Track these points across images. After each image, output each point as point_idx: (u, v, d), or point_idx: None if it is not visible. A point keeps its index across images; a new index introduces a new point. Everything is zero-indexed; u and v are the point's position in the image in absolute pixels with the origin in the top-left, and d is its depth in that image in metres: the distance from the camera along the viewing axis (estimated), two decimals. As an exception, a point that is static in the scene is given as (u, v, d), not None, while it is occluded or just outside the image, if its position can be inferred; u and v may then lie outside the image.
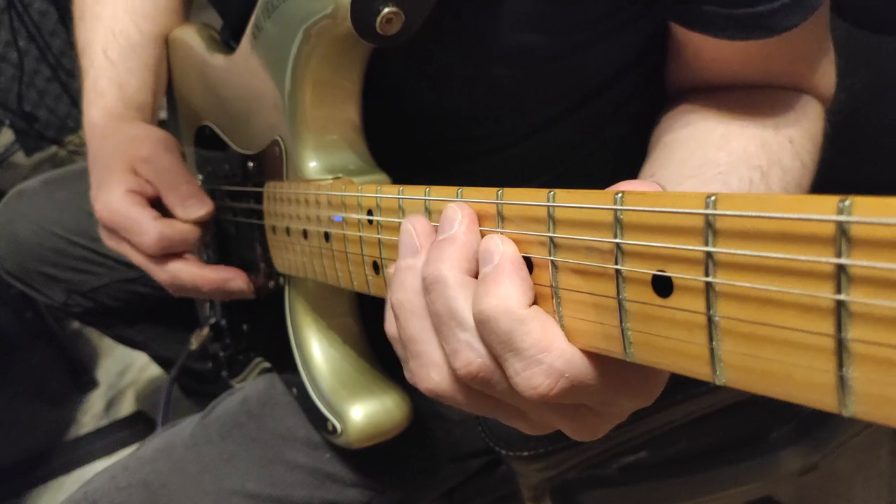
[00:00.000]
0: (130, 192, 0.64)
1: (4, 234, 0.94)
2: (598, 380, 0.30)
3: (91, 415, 1.54)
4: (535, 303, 0.31)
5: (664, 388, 0.35)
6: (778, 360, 0.21)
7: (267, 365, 0.73)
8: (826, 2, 0.51)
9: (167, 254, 0.64)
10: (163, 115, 0.81)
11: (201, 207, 0.64)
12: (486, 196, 0.33)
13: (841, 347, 0.19)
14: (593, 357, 0.30)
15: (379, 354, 0.60)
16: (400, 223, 0.38)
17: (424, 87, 0.55)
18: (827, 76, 0.56)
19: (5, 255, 0.95)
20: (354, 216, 0.44)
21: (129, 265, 0.67)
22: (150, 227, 0.62)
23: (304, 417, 0.61)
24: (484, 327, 0.31)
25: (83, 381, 1.58)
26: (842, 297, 0.19)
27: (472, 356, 0.32)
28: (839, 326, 0.19)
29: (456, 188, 0.35)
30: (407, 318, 0.35)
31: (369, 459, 0.62)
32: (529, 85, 0.54)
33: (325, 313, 0.60)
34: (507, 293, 0.30)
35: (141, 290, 0.97)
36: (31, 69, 2.03)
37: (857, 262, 0.18)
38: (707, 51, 0.53)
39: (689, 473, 0.79)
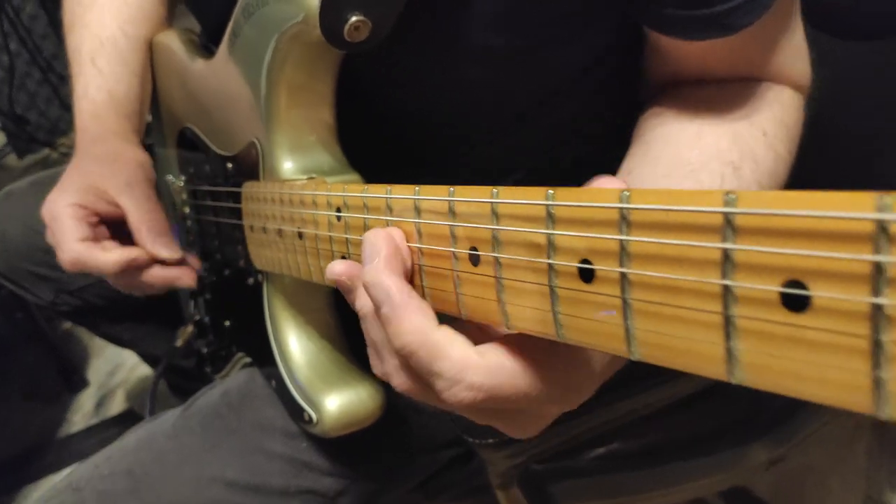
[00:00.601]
0: (77, 206, 0.68)
1: (-7, 235, 0.96)
2: (515, 386, 0.33)
3: (82, 414, 1.56)
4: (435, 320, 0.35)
5: (616, 379, 0.38)
6: (680, 337, 0.23)
7: (248, 360, 0.75)
8: None
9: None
10: (148, 117, 0.83)
11: (168, 250, 0.70)
12: (438, 193, 0.36)
13: (728, 324, 0.22)
14: (507, 367, 0.33)
15: (354, 347, 0.62)
16: (364, 219, 0.41)
17: (394, 90, 0.57)
18: (800, 65, 0.57)
19: (-6, 255, 0.97)
20: (324, 213, 0.46)
21: None
22: (70, 247, 0.67)
23: (282, 409, 0.64)
24: (407, 360, 0.35)
25: (74, 380, 1.60)
26: (727, 281, 0.21)
27: (402, 380, 0.37)
28: (726, 306, 0.22)
29: (414, 186, 0.38)
30: (368, 327, 0.39)
31: (345, 449, 0.65)
32: (498, 84, 0.56)
33: (301, 308, 0.62)
34: (414, 327, 0.34)
35: (127, 289, 0.99)
36: (22, 72, 2.05)
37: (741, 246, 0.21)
38: (676, 49, 0.55)
39: (659, 464, 0.81)
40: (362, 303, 0.38)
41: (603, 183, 0.34)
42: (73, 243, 0.66)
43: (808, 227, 0.19)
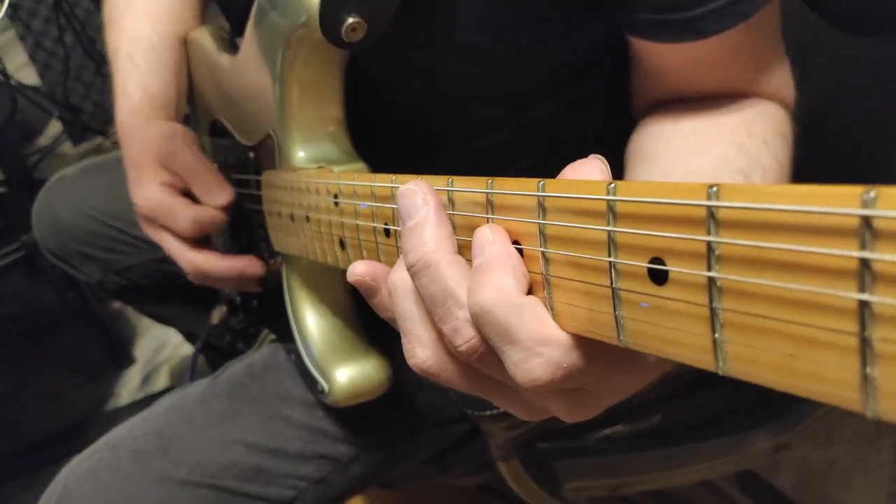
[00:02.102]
0: (164, 185, 0.72)
1: (46, 216, 1.04)
2: (594, 364, 0.30)
3: (128, 389, 1.64)
4: (530, 292, 0.32)
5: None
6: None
7: (273, 336, 0.80)
8: (771, 11, 0.54)
9: (198, 241, 0.72)
10: (186, 109, 0.89)
11: (224, 194, 0.71)
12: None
13: (614, 296, 0.26)
14: (588, 342, 0.30)
15: (366, 324, 0.67)
16: (355, 205, 0.45)
17: (393, 85, 0.62)
18: (784, 82, 0.58)
19: (47, 235, 1.04)
20: (325, 199, 0.51)
21: (158, 246, 0.75)
22: (184, 213, 0.70)
23: (300, 380, 0.69)
24: (480, 319, 0.31)
25: (121, 357, 1.69)
26: (611, 258, 0.25)
27: (471, 335, 0.32)
28: (612, 281, 0.26)
29: (390, 175, 0.42)
30: (399, 296, 0.36)
31: (358, 419, 0.70)
32: (489, 80, 0.60)
33: (316, 287, 0.67)
34: (501, 284, 0.31)
35: (169, 269, 1.05)
36: (77, 64, 2.15)
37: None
38: (659, 58, 0.57)
39: (661, 447, 0.84)
40: (422, 251, 0.34)
41: (585, 172, 0.32)
42: (184, 209, 0.70)
43: (668, 212, 0.23)
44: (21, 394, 1.67)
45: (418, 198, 0.35)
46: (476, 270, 0.32)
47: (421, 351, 0.36)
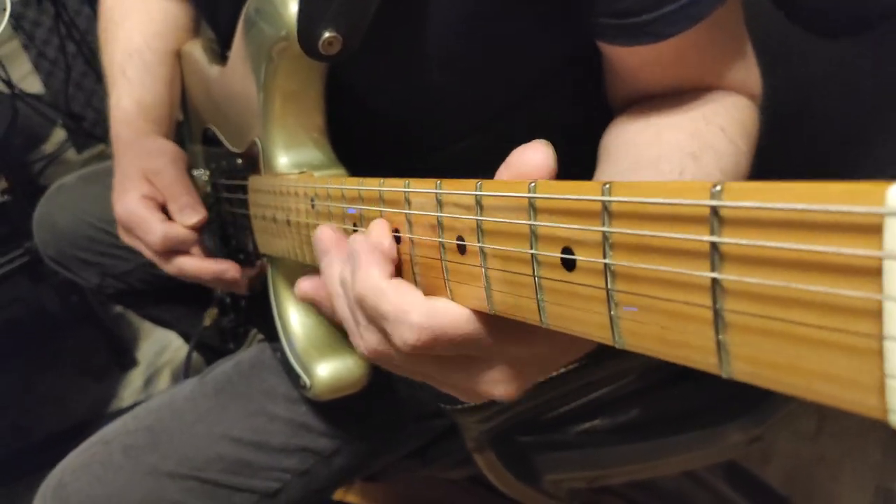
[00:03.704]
0: (144, 198, 0.76)
1: (46, 223, 1.07)
2: (459, 328, 0.35)
3: (131, 390, 1.68)
4: (396, 276, 0.38)
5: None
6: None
7: (261, 336, 0.84)
8: (732, 7, 0.56)
9: (172, 250, 0.75)
10: (179, 116, 0.92)
11: (194, 215, 0.75)
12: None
13: (537, 286, 0.29)
14: (452, 311, 0.35)
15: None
16: (332, 207, 0.49)
17: (373, 93, 0.65)
18: (750, 75, 0.60)
19: (47, 242, 1.08)
20: (303, 203, 0.54)
21: None
22: (156, 229, 0.74)
23: (285, 377, 0.72)
24: (360, 306, 0.39)
25: (124, 359, 1.72)
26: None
27: (369, 336, 0.40)
28: (533, 271, 0.29)
29: (362, 178, 0.45)
30: (337, 307, 0.44)
31: (340, 414, 0.73)
32: (466, 86, 0.62)
33: (300, 287, 0.70)
34: (366, 274, 0.38)
35: (164, 273, 1.09)
36: (79, 72, 2.19)
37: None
38: (623, 60, 0.59)
39: (641, 440, 0.86)
40: (331, 283, 0.44)
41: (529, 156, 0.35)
42: (157, 225, 0.74)
43: (575, 207, 0.26)
44: (26, 396, 1.70)
45: (321, 245, 0.45)
46: (352, 275, 0.39)
47: (360, 344, 0.42)
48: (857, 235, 0.17)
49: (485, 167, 0.70)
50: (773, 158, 0.61)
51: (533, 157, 0.34)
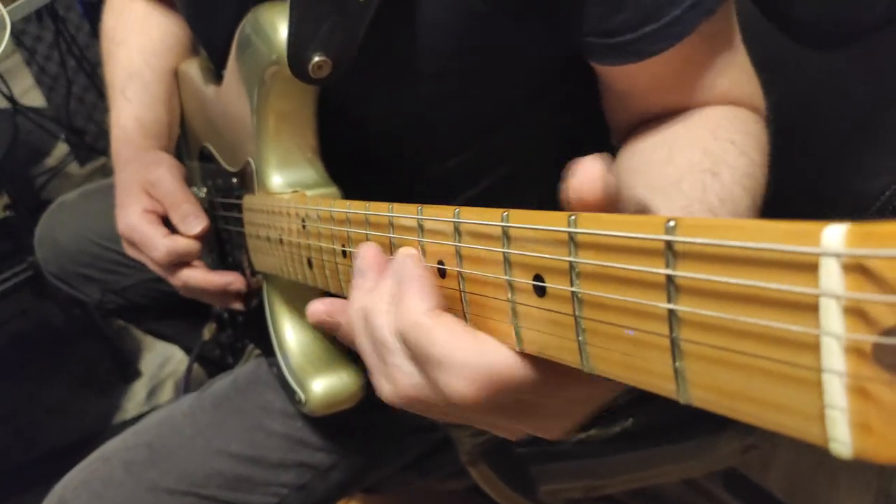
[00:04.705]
0: (146, 212, 0.77)
1: (47, 240, 1.09)
2: (522, 373, 0.31)
3: (135, 402, 1.69)
4: (445, 309, 0.33)
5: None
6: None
7: (258, 351, 0.84)
8: (723, 21, 0.56)
9: (177, 263, 0.76)
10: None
11: (198, 224, 0.76)
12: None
13: (513, 311, 0.29)
14: (516, 354, 0.31)
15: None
16: (321, 228, 0.50)
17: (365, 112, 0.65)
18: (750, 88, 0.60)
19: (49, 259, 1.09)
20: (295, 223, 0.55)
21: None
22: (160, 244, 0.75)
23: (282, 392, 0.73)
24: (404, 343, 0.33)
25: (128, 372, 1.73)
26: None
27: (405, 378, 0.34)
28: (510, 294, 0.29)
29: (354, 200, 0.46)
30: (357, 335, 0.39)
31: (337, 428, 0.74)
32: (456, 102, 0.63)
33: (294, 303, 0.71)
34: (410, 306, 0.33)
35: (165, 288, 1.09)
36: (82, 86, 2.22)
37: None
38: (618, 79, 0.60)
39: (636, 450, 0.87)
40: (366, 300, 0.37)
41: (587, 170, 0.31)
42: (160, 240, 0.75)
43: (547, 237, 0.27)
44: (31, 408, 1.71)
45: (360, 261, 0.39)
46: (394, 299, 0.34)
47: (386, 386, 0.37)
48: (797, 273, 0.18)
49: (477, 181, 0.71)
50: (774, 170, 0.62)
51: (592, 167, 0.30)
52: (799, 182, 0.80)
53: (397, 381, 0.35)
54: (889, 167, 0.77)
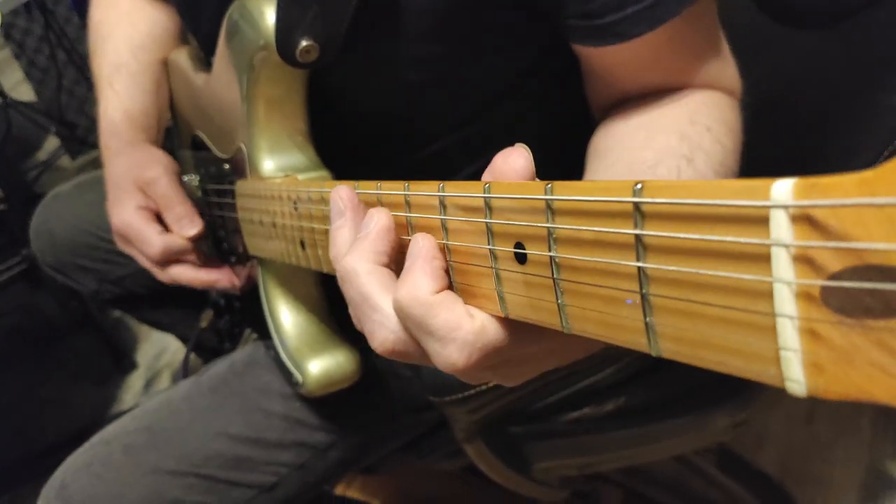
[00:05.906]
0: (140, 209, 0.78)
1: (43, 231, 1.09)
2: (507, 339, 0.34)
3: (132, 393, 1.70)
4: (446, 289, 0.35)
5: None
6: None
7: (255, 335, 0.86)
8: (705, 4, 0.57)
9: (169, 260, 0.78)
10: (170, 123, 0.95)
11: (192, 227, 0.77)
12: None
13: (496, 275, 0.31)
14: (499, 320, 0.33)
15: (337, 317, 0.72)
16: (313, 210, 0.51)
17: (354, 96, 0.67)
18: (728, 72, 0.62)
19: (44, 250, 1.10)
20: (287, 206, 0.57)
21: None
22: (155, 241, 0.76)
23: (279, 374, 0.74)
24: (400, 314, 0.35)
25: (124, 363, 1.75)
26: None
27: (386, 334, 0.36)
28: (493, 262, 0.31)
29: (352, 182, 0.47)
30: (342, 282, 0.40)
31: (335, 408, 0.75)
32: (443, 86, 0.65)
33: (289, 286, 0.73)
34: (416, 283, 0.34)
35: (161, 277, 1.12)
36: (72, 80, 2.22)
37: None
38: (598, 60, 0.61)
39: (628, 427, 0.89)
40: (347, 260, 0.38)
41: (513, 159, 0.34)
42: (155, 237, 0.77)
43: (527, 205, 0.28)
44: (28, 401, 1.73)
45: (338, 204, 0.40)
46: (403, 272, 0.36)
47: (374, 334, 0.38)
48: (750, 226, 0.19)
49: (464, 165, 0.72)
50: (755, 150, 0.63)
51: (516, 162, 0.33)
52: (784, 159, 0.82)
53: (376, 337, 0.37)
54: (870, 144, 0.78)
